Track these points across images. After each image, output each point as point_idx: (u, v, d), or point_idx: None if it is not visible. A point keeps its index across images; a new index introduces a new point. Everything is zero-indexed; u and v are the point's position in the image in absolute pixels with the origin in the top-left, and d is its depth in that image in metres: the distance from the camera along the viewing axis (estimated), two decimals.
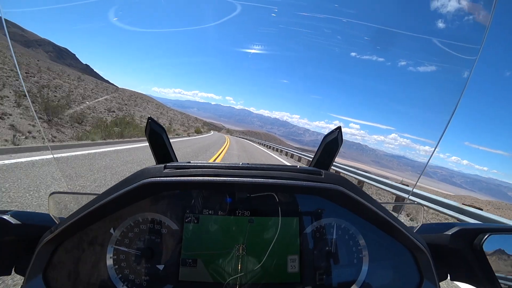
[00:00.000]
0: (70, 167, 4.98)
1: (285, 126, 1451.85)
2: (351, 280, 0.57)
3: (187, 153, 10.06)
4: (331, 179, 0.56)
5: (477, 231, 0.58)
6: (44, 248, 0.51)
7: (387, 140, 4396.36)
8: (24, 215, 0.55)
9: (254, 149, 23.13)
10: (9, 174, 3.82)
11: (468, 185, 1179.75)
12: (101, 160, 6.04)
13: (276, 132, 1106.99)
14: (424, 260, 0.57)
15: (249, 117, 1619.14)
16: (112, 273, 0.53)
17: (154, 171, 0.54)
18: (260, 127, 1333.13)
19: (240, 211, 0.57)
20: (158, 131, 0.64)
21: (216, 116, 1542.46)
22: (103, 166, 5.46)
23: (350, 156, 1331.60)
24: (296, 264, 0.56)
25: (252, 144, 33.53)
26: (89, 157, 6.31)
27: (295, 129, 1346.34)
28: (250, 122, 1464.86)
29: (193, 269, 0.54)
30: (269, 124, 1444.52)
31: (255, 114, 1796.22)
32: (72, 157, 5.88)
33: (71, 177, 4.29)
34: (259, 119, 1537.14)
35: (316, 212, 0.58)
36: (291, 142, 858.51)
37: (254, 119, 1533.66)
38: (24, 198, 3.08)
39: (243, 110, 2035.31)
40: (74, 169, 4.81)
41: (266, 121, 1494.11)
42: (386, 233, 0.58)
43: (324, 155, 0.66)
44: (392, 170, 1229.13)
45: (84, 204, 0.54)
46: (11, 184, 3.43)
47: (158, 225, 0.56)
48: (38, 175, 4.01)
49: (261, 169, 0.57)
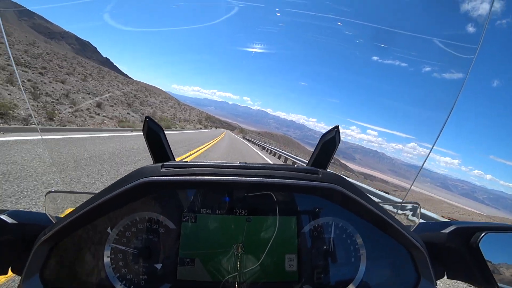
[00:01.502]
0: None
1: (301, 129, 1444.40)
2: (348, 279, 0.57)
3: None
4: (329, 178, 0.56)
5: (474, 229, 0.58)
6: (41, 248, 0.51)
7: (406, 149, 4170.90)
8: (20, 215, 0.55)
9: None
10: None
11: (491, 201, 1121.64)
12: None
13: (291, 135, 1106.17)
14: (421, 259, 0.57)
15: (265, 119, 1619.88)
16: (110, 272, 0.53)
17: (151, 170, 0.54)
18: (276, 129, 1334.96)
19: (238, 210, 0.57)
20: (156, 130, 0.64)
21: (233, 116, 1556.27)
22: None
23: (366, 164, 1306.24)
24: (294, 263, 0.56)
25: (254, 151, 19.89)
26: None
27: (311, 133, 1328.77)
28: (267, 123, 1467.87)
29: (191, 268, 0.54)
30: (285, 127, 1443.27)
31: (271, 116, 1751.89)
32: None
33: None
34: (276, 121, 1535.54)
35: (313, 211, 0.59)
36: (306, 145, 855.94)
37: (271, 121, 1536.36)
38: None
39: (260, 111, 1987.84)
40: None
41: (283, 123, 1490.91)
42: (384, 231, 0.58)
43: (322, 155, 0.67)
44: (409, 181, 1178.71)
45: (81, 203, 0.54)
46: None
47: (155, 224, 0.56)
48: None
49: (259, 168, 0.58)
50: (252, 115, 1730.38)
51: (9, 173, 3.45)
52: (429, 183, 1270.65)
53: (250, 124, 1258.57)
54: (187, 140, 14.98)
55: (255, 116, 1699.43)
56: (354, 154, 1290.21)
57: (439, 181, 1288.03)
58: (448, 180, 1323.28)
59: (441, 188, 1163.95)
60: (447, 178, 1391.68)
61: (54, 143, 6.47)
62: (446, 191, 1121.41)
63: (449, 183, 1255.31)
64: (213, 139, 21.75)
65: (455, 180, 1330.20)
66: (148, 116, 0.63)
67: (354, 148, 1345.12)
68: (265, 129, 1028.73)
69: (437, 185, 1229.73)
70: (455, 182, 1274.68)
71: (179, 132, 23.77)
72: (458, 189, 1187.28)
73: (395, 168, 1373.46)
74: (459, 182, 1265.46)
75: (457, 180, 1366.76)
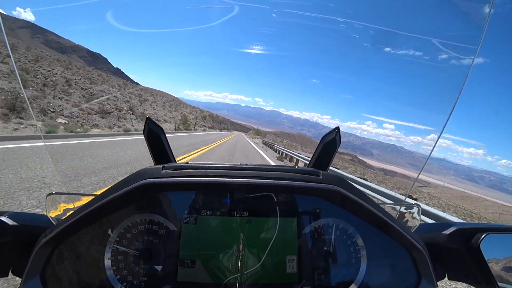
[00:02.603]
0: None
1: (315, 127, 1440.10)
2: (349, 280, 0.57)
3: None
4: (329, 180, 0.56)
5: (474, 230, 0.58)
6: (41, 249, 0.51)
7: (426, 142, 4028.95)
8: (21, 216, 0.55)
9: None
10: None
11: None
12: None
13: (306, 134, 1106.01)
14: (422, 260, 0.57)
15: (278, 118, 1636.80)
16: (110, 274, 0.54)
17: (152, 172, 0.55)
18: (290, 128, 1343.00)
19: (238, 211, 0.57)
20: (157, 131, 0.64)
21: (246, 118, 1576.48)
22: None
23: (385, 159, 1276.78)
24: (294, 264, 0.56)
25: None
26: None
27: (326, 130, 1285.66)
28: (280, 123, 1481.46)
29: (192, 270, 0.54)
30: (299, 126, 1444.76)
31: (284, 115, 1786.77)
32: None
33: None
34: (289, 120, 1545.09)
35: (314, 212, 0.59)
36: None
37: (284, 120, 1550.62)
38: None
39: (273, 111, 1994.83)
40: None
41: (296, 122, 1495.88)
42: (384, 233, 0.58)
43: (323, 156, 0.67)
44: (431, 174, 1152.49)
45: (82, 205, 0.54)
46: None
47: (156, 226, 0.56)
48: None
49: (259, 169, 0.58)
50: (265, 116, 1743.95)
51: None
52: (453, 176, 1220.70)
53: (264, 124, 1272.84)
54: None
55: (268, 117, 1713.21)
56: (372, 150, 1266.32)
57: (464, 173, 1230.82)
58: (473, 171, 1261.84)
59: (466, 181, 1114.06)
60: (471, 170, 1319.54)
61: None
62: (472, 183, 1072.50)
63: (475, 175, 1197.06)
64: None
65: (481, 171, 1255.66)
66: (149, 117, 0.64)
67: (371, 143, 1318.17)
68: (280, 129, 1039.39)
69: (461, 178, 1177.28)
70: (481, 174, 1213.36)
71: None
72: (484, 181, 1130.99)
73: (415, 161, 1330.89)
74: (485, 173, 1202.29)
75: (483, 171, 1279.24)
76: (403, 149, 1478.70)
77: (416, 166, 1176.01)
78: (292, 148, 32.65)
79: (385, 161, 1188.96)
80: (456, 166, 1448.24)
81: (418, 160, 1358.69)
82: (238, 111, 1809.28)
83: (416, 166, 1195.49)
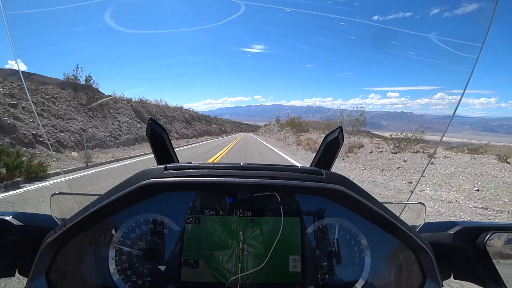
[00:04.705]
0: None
1: (320, 112, 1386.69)
2: (353, 280, 0.57)
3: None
4: (332, 179, 0.56)
5: (480, 229, 0.57)
6: (47, 249, 0.52)
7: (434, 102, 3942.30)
8: (26, 216, 0.56)
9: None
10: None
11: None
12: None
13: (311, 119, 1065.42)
14: (427, 259, 0.56)
15: (281, 111, 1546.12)
16: (114, 273, 0.54)
17: (155, 172, 0.55)
18: None
19: (241, 211, 0.57)
20: (159, 131, 0.64)
21: (249, 117, 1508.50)
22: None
23: (396, 128, 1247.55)
24: (298, 264, 0.56)
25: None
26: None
27: (331, 112, 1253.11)
28: (284, 115, 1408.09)
29: (195, 270, 0.54)
30: (303, 113, 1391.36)
31: (287, 107, 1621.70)
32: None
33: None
34: (292, 110, 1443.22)
35: (317, 212, 0.59)
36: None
37: (288, 111, 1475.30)
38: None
39: (275, 105, 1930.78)
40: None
41: (300, 111, 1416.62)
42: (388, 232, 0.58)
43: (326, 155, 0.67)
44: (447, 133, 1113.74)
45: (86, 205, 0.54)
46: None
47: (159, 226, 0.56)
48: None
49: (262, 169, 0.58)
50: (267, 111, 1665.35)
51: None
52: (469, 130, 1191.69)
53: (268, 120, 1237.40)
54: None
55: (271, 112, 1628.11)
56: (381, 122, 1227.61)
57: (480, 125, 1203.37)
58: (489, 121, 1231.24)
59: (483, 132, 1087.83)
60: (487, 120, 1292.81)
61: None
62: (490, 133, 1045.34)
63: (491, 124, 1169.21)
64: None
65: (497, 120, 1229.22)
66: (152, 118, 0.63)
67: (379, 115, 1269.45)
68: (285, 121, 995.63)
69: (478, 130, 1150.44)
70: (498, 122, 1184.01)
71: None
72: (503, 128, 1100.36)
73: (427, 124, 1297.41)
74: (503, 121, 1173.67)
75: (500, 119, 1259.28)
76: (412, 114, 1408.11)
77: (430, 129, 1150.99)
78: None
79: (398, 130, 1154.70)
80: (470, 120, 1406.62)
81: (430, 122, 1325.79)
82: (240, 112, 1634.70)
83: (430, 128, 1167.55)
